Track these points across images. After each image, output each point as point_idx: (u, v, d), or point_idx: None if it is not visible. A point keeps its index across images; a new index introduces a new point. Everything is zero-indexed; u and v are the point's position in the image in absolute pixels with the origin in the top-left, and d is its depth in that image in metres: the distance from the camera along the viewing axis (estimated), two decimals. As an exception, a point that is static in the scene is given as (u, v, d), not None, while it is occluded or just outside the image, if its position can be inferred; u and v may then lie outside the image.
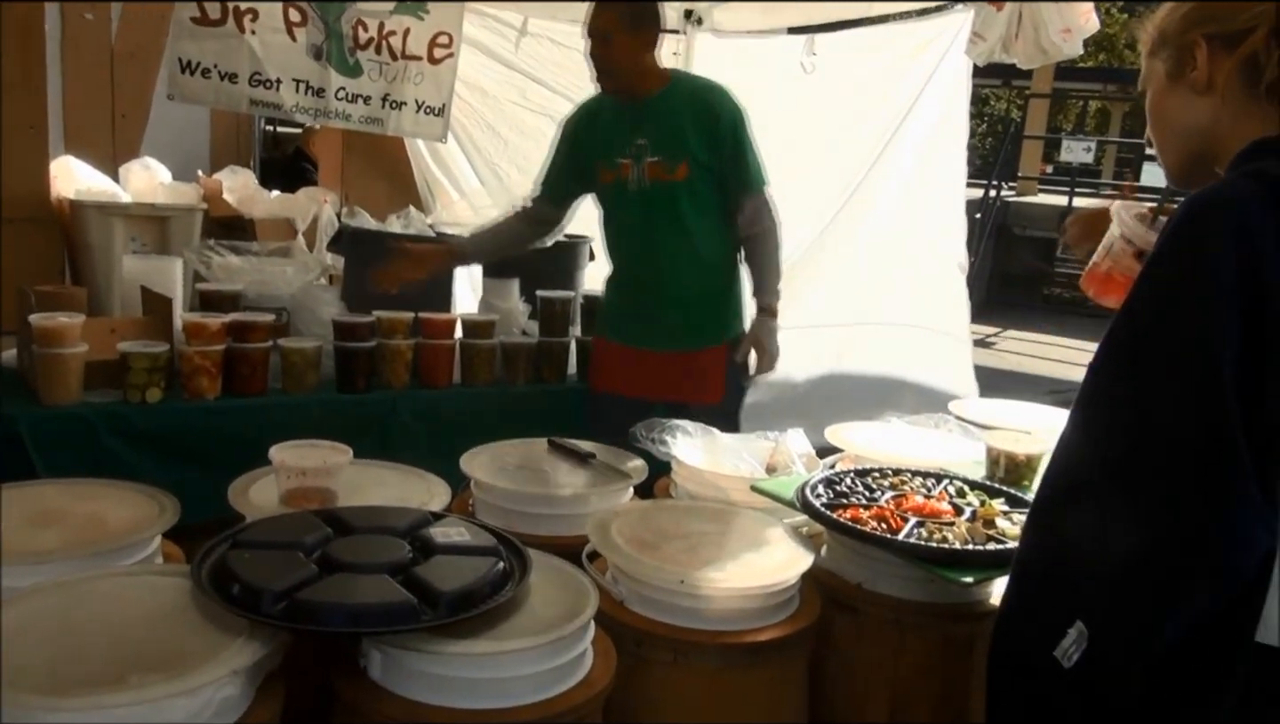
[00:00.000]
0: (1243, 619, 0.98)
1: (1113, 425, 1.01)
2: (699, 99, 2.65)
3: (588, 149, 2.76)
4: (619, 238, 2.79)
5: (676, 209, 2.64)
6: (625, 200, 2.69)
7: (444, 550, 1.40)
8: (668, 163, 2.61)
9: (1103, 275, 1.54)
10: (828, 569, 1.75)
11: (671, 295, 2.70)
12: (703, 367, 2.74)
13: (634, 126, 2.64)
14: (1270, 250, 0.94)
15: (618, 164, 2.67)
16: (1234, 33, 1.07)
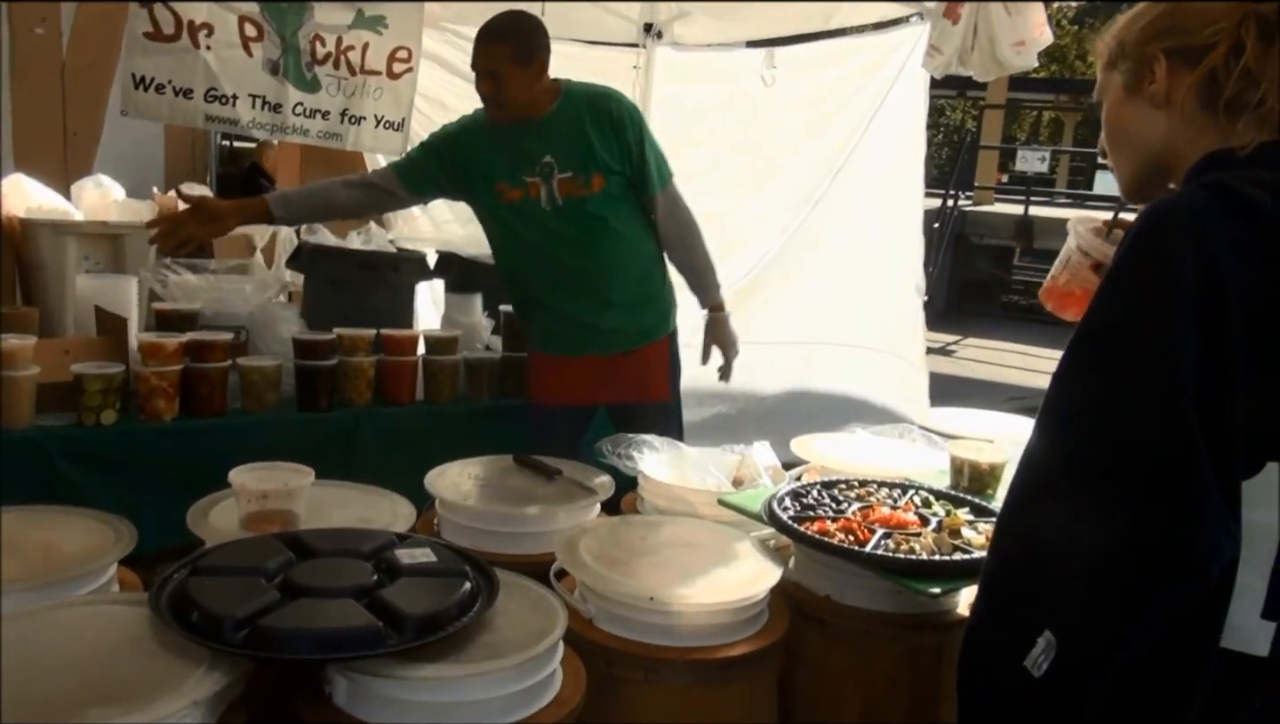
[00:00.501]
0: (1208, 625, 1.00)
1: (1076, 434, 1.02)
2: (597, 108, 2.62)
3: (481, 168, 2.67)
4: (537, 255, 2.70)
5: (598, 220, 2.62)
6: (539, 217, 2.63)
7: (410, 572, 1.38)
8: (581, 177, 2.58)
9: (1061, 289, 1.57)
10: (795, 582, 1.75)
11: (613, 303, 2.68)
12: (647, 363, 2.75)
13: (537, 145, 2.59)
14: (1227, 260, 0.96)
15: (525, 182, 2.60)
16: (1194, 48, 1.07)
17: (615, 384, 2.74)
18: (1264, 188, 0.99)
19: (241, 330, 2.83)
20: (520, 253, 2.75)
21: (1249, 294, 0.96)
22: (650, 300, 2.77)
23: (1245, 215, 0.98)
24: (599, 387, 2.75)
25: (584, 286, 2.67)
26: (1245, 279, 0.96)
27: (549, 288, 2.73)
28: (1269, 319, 0.96)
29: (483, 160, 2.66)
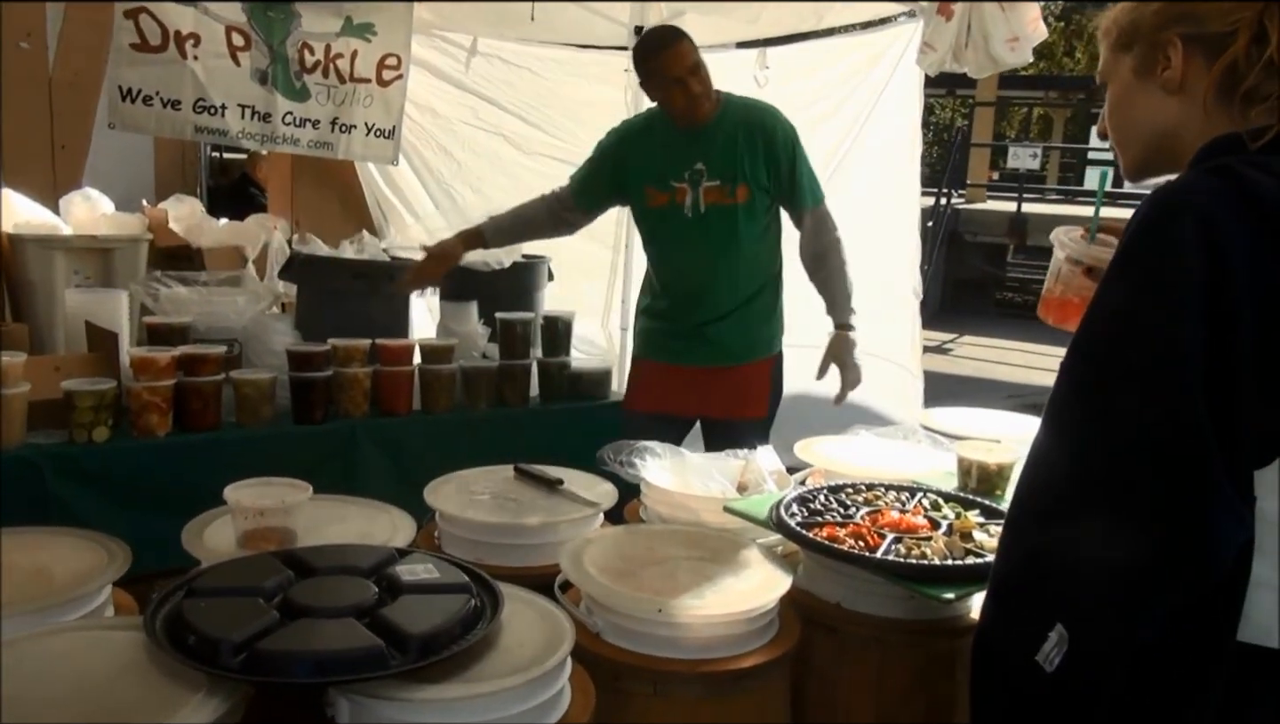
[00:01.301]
0: (1223, 617, 0.99)
1: (1085, 427, 1.00)
2: (753, 120, 2.70)
3: (635, 171, 2.77)
4: (670, 260, 2.80)
5: (734, 232, 2.69)
6: (679, 223, 2.71)
7: (412, 589, 1.35)
8: (726, 186, 2.66)
9: (1058, 300, 1.55)
10: (804, 589, 1.71)
11: (727, 314, 2.74)
12: (749, 381, 2.81)
13: (690, 151, 2.67)
14: (1236, 248, 0.94)
15: (672, 187, 2.70)
16: (1212, 35, 1.05)
17: (714, 398, 2.78)
18: (1273, 174, 0.97)
19: (234, 343, 2.79)
20: (656, 257, 2.85)
21: (1257, 283, 0.94)
22: (761, 319, 2.81)
23: (1253, 202, 0.96)
24: (698, 398, 2.80)
25: (704, 295, 2.74)
26: (1253, 268, 0.94)
27: (673, 293, 2.81)
28: (1274, 306, 0.94)
29: (638, 163, 2.77)
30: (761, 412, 2.80)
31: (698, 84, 2.63)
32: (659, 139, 2.75)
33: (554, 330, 3.11)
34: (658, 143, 2.75)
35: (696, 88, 2.63)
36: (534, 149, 4.32)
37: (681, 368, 2.80)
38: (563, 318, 3.13)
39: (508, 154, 4.27)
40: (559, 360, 3.11)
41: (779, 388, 2.88)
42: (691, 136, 2.69)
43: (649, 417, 2.78)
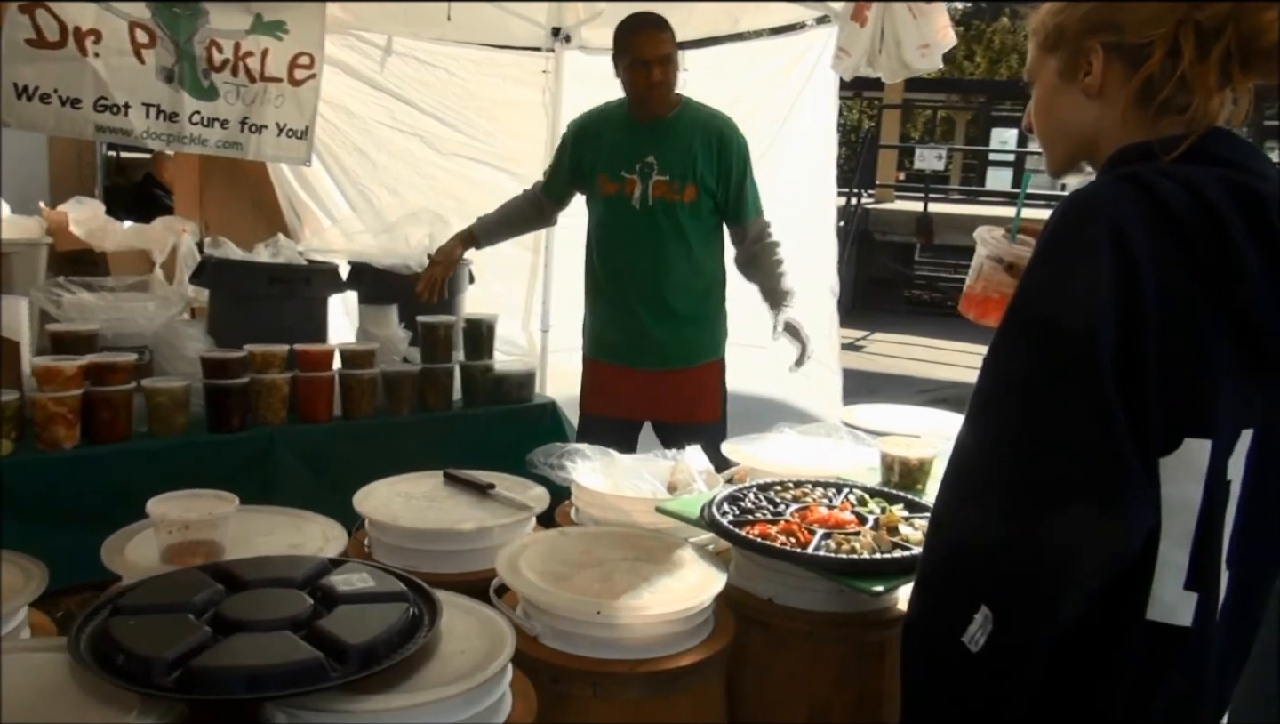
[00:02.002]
0: (1132, 597, 1.05)
1: (1004, 415, 1.05)
2: (710, 126, 2.78)
3: (590, 158, 2.84)
4: (615, 251, 2.84)
5: (681, 228, 2.75)
6: (626, 214, 2.77)
7: (348, 599, 1.33)
8: (676, 183, 2.72)
9: (979, 296, 1.61)
10: (737, 586, 1.74)
11: (674, 312, 2.79)
12: (700, 383, 2.86)
13: (644, 144, 2.75)
14: (1142, 247, 1.00)
15: (622, 177, 2.76)
16: (1131, 46, 1.09)
17: (666, 401, 2.83)
18: (1175, 179, 1.03)
19: (145, 350, 2.70)
20: (602, 249, 2.88)
21: (1162, 282, 1.00)
22: (707, 320, 2.88)
23: (1161, 208, 1.02)
24: (650, 401, 2.85)
25: (649, 290, 2.78)
26: (1157, 263, 1.00)
27: (617, 288, 2.85)
28: (1179, 302, 1.01)
29: (593, 152, 2.84)
30: (715, 414, 2.86)
31: (661, 74, 2.70)
32: (615, 129, 2.83)
33: (477, 333, 3.09)
34: (614, 133, 2.82)
35: (658, 76, 2.70)
36: (450, 150, 4.27)
37: (633, 371, 2.85)
38: (486, 320, 3.10)
39: (424, 155, 4.22)
40: (482, 363, 3.09)
41: (725, 391, 2.95)
42: (647, 130, 2.76)
43: (606, 421, 2.85)
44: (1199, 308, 1.02)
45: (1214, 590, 1.09)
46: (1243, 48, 1.04)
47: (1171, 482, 1.03)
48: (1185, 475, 1.04)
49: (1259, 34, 1.03)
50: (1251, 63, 1.05)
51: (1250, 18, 1.02)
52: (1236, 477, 1.09)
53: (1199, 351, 1.03)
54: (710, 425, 2.79)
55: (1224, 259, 1.01)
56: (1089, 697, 1.08)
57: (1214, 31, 1.04)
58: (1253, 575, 1.16)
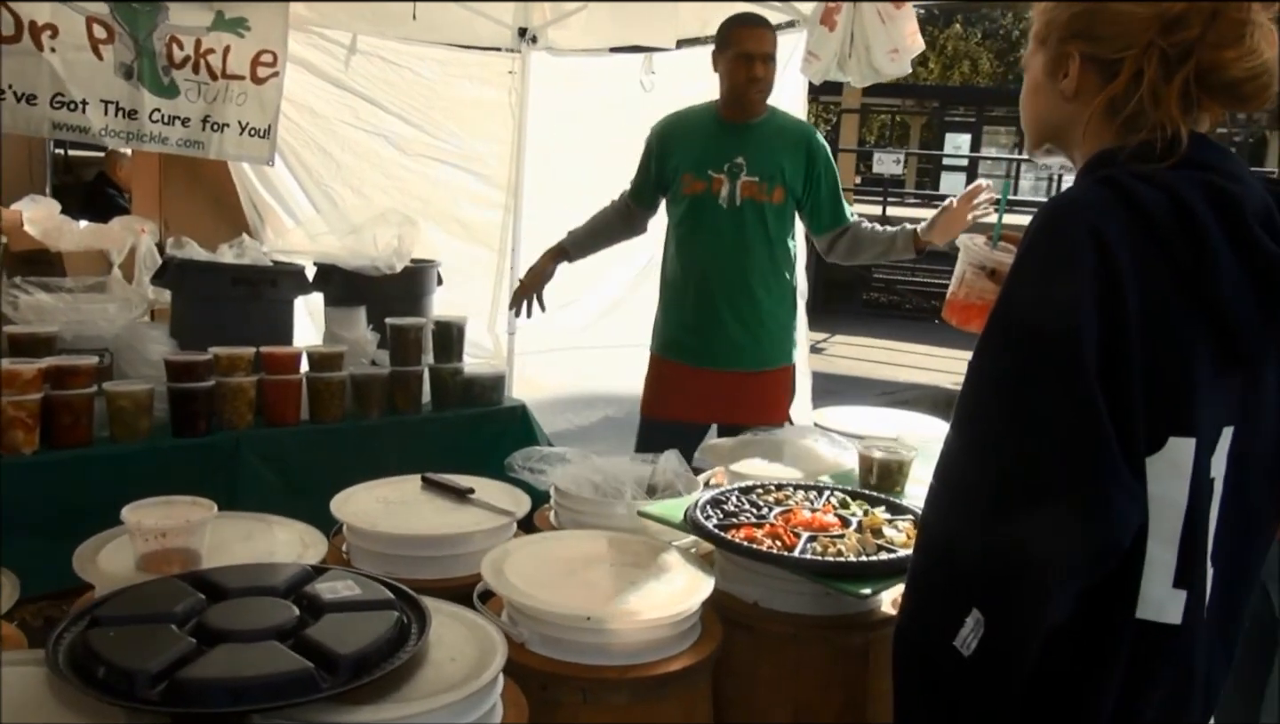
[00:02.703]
0: (1122, 595, 1.06)
1: (994, 420, 1.06)
2: (798, 132, 2.86)
3: (675, 157, 2.84)
4: (699, 249, 2.83)
5: (767, 229, 2.78)
6: (713, 213, 2.78)
7: (334, 608, 1.30)
8: (765, 184, 2.76)
9: (961, 302, 1.63)
10: (721, 589, 1.73)
11: (756, 313, 2.80)
12: (772, 388, 2.89)
13: (733, 144, 2.77)
14: (1122, 249, 1.02)
15: (709, 176, 2.77)
16: (1104, 59, 1.12)
17: (737, 404, 2.83)
18: (1152, 183, 1.05)
19: (105, 353, 2.63)
20: (684, 248, 2.86)
21: (1142, 282, 1.02)
22: (783, 324, 2.90)
23: (1138, 211, 1.04)
24: (720, 404, 2.85)
25: (733, 288, 2.79)
26: (1137, 266, 1.02)
27: (699, 287, 2.84)
28: (1158, 302, 1.03)
29: (679, 151, 2.84)
30: (782, 417, 2.87)
31: (763, 70, 2.75)
32: (703, 130, 2.84)
33: (447, 335, 3.05)
34: (701, 133, 2.84)
35: (760, 72, 2.74)
36: (416, 150, 4.23)
37: (706, 372, 2.85)
38: (455, 323, 3.07)
39: (389, 155, 4.17)
40: (452, 366, 3.05)
41: (792, 397, 2.99)
42: (736, 131, 2.79)
43: (671, 425, 2.85)
44: (1178, 308, 1.04)
45: (1201, 587, 1.11)
46: (1203, 79, 1.07)
47: (1158, 481, 1.05)
48: (1171, 474, 1.06)
49: (1219, 68, 1.06)
50: (1212, 92, 1.08)
51: (1212, 53, 1.06)
52: (1219, 474, 1.11)
53: (1180, 351, 1.05)
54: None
55: (1201, 260, 1.04)
56: (1080, 696, 1.09)
57: (1178, 59, 1.07)
58: (1236, 571, 1.18)
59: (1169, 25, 1.07)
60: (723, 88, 2.86)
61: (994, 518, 1.03)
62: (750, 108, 2.82)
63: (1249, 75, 1.06)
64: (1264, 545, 1.21)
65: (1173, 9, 1.06)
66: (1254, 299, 1.05)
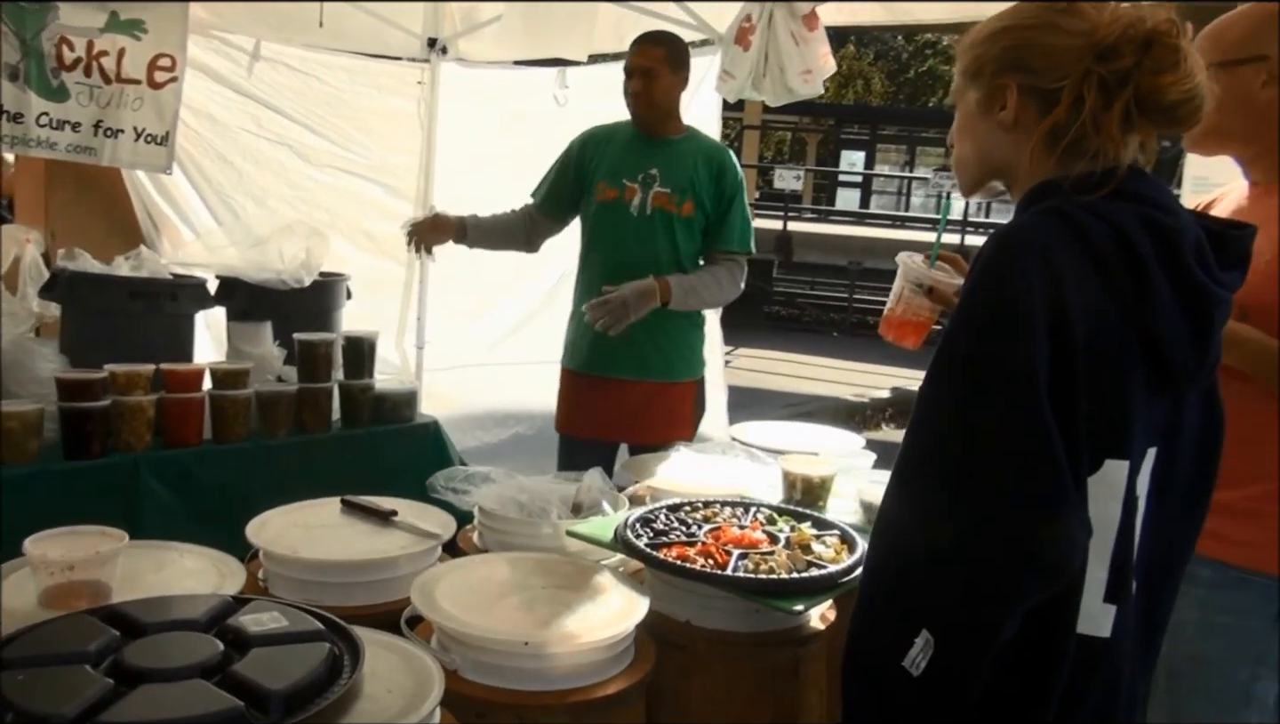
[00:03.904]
0: (1065, 613, 1.09)
1: (947, 444, 1.08)
2: (714, 153, 2.92)
3: (592, 166, 2.90)
4: (609, 256, 2.84)
5: (675, 240, 2.82)
6: (623, 220, 2.82)
7: (261, 641, 1.24)
8: (676, 196, 2.80)
9: (899, 319, 1.67)
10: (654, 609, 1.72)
11: (661, 322, 2.81)
12: (678, 402, 2.92)
13: (648, 157, 2.84)
14: (1069, 277, 1.05)
15: (623, 185, 2.81)
16: (1042, 90, 1.16)
17: (643, 419, 2.86)
18: (1095, 214, 1.09)
19: (-11, 371, 2.48)
20: (595, 255, 2.90)
21: (1088, 309, 1.06)
22: (690, 337, 2.95)
23: (1084, 240, 1.08)
24: (626, 419, 2.87)
25: None
26: (1083, 295, 1.06)
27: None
28: (1102, 330, 1.07)
29: (598, 160, 2.89)
30: (688, 435, 2.88)
31: (639, 85, 2.81)
32: (623, 142, 2.90)
33: (358, 351, 2.97)
34: (621, 145, 2.90)
35: (637, 87, 2.81)
36: (322, 161, 4.12)
37: (611, 381, 2.86)
38: (367, 338, 2.99)
39: (294, 165, 4.05)
40: (363, 382, 2.97)
41: (701, 412, 3.03)
42: (654, 144, 2.86)
43: (583, 443, 2.88)
44: (1118, 336, 1.08)
45: (1128, 602, 1.15)
46: (1142, 103, 1.11)
47: (1095, 501, 1.09)
48: (1107, 495, 1.10)
49: (1157, 93, 1.11)
50: (1151, 116, 1.13)
51: (1149, 78, 1.10)
52: (1143, 493, 1.16)
53: (1119, 378, 1.09)
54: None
55: (1140, 291, 1.08)
56: (1025, 711, 1.12)
57: (1116, 85, 1.11)
58: (1157, 585, 1.23)
59: (1104, 54, 1.11)
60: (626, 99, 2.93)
61: (947, 540, 1.05)
62: (641, 121, 2.87)
63: (1185, 98, 1.11)
64: (1183, 561, 1.27)
65: (1106, 39, 1.11)
66: (1187, 329, 1.10)
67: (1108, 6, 1.13)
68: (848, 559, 1.69)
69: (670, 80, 2.86)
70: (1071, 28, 1.13)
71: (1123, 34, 1.10)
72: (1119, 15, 1.11)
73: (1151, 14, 1.11)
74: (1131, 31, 1.10)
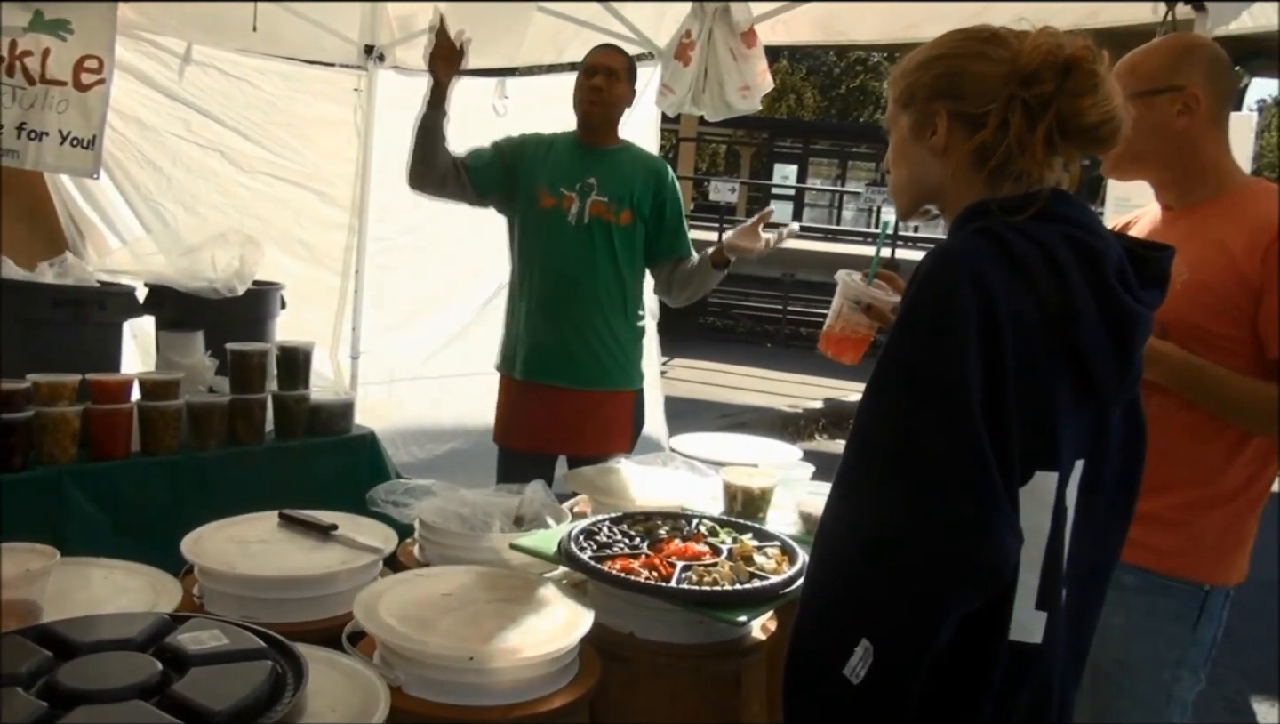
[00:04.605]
0: (998, 619, 1.13)
1: (886, 456, 1.12)
2: (651, 164, 2.96)
3: (530, 168, 2.89)
4: (545, 264, 2.83)
5: (613, 249, 2.83)
6: (561, 229, 2.82)
7: (201, 660, 1.22)
8: (613, 205, 2.82)
9: (838, 336, 1.71)
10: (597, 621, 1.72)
11: (596, 329, 2.82)
12: (616, 411, 2.92)
13: (587, 165, 2.86)
14: (1000, 296, 1.10)
15: (561, 193, 2.81)
16: (970, 115, 1.21)
17: (581, 429, 2.86)
18: (1024, 235, 1.14)
19: (-96, 381, 2.38)
20: (531, 262, 2.89)
21: (1018, 328, 1.10)
22: (626, 346, 2.94)
23: (1014, 261, 1.13)
24: (565, 428, 2.87)
25: (577, 306, 2.81)
26: (1013, 312, 1.10)
27: (545, 302, 2.85)
28: (1031, 347, 1.11)
29: (534, 166, 2.89)
30: (626, 446, 2.88)
31: (603, 83, 2.82)
32: (563, 150, 2.91)
33: (293, 361, 2.92)
34: (560, 153, 2.91)
35: (600, 83, 2.83)
36: (255, 167, 4.05)
37: (549, 389, 2.86)
38: (302, 348, 2.95)
39: (226, 171, 3.97)
40: (298, 393, 2.93)
41: (640, 425, 3.03)
42: (592, 154, 2.89)
43: (523, 456, 2.87)
44: (1046, 352, 1.13)
45: (1058, 609, 1.19)
46: (1064, 125, 1.17)
47: (1026, 512, 1.13)
48: (1037, 505, 1.14)
49: (1077, 115, 1.16)
50: (1072, 138, 1.19)
51: (1069, 101, 1.16)
52: (1072, 503, 1.20)
53: (1047, 392, 1.14)
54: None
55: (1065, 305, 1.13)
56: (959, 716, 1.15)
57: (1039, 109, 1.16)
58: (1085, 592, 1.28)
59: (1027, 80, 1.16)
60: (575, 104, 2.94)
61: (886, 550, 1.08)
62: (587, 120, 2.89)
63: (1104, 119, 1.17)
64: (1110, 569, 1.32)
65: (1028, 66, 1.16)
66: (1110, 345, 1.16)
67: (1029, 35, 1.19)
68: (789, 570, 1.71)
69: (624, 89, 2.90)
70: (996, 55, 1.19)
71: (1044, 60, 1.16)
72: (1040, 43, 1.17)
73: (1070, 42, 1.17)
74: (1051, 58, 1.16)
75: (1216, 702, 3.74)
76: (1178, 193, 1.79)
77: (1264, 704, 3.84)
